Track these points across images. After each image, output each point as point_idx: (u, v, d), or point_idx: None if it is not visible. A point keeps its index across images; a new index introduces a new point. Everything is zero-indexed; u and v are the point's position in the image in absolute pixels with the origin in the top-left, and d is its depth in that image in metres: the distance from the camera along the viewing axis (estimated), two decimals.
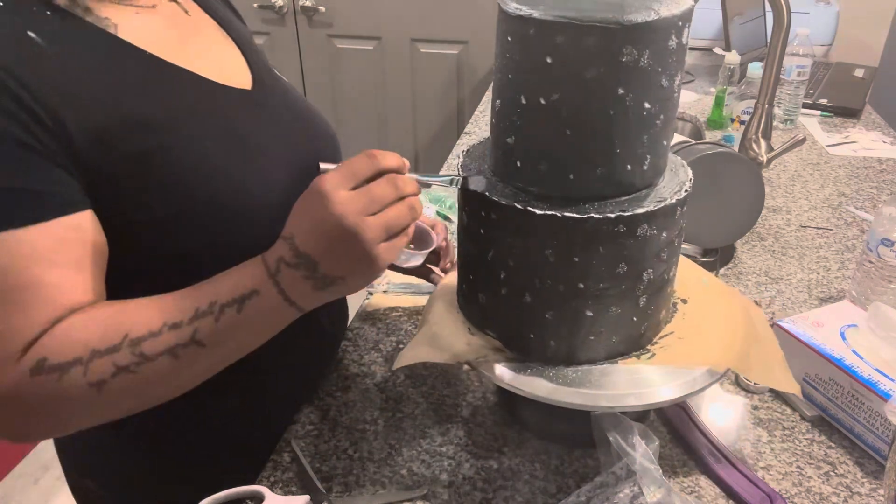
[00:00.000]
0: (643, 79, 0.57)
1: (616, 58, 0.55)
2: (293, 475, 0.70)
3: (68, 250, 0.56)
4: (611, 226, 0.59)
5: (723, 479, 0.68)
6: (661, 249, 0.63)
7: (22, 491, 1.90)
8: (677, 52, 0.58)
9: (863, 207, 1.27)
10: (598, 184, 0.61)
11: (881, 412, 0.70)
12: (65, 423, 0.60)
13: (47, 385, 0.54)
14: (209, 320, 0.56)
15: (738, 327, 0.70)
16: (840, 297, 0.98)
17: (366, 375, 0.83)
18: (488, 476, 0.69)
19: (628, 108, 0.58)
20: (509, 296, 0.64)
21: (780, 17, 1.05)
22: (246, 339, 0.59)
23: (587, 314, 0.63)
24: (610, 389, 0.63)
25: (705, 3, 1.77)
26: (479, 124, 1.72)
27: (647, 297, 0.64)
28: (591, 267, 0.61)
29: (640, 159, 0.61)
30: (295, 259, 0.56)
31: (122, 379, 0.55)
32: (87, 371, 0.54)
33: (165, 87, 0.63)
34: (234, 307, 0.56)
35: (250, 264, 0.58)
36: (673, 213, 0.62)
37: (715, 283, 0.77)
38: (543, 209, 0.59)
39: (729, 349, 0.67)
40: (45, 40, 0.56)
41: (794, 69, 1.60)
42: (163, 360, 0.56)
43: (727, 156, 0.98)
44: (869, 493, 0.68)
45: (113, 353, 0.55)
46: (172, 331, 0.56)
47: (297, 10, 2.64)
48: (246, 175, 0.64)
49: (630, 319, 0.65)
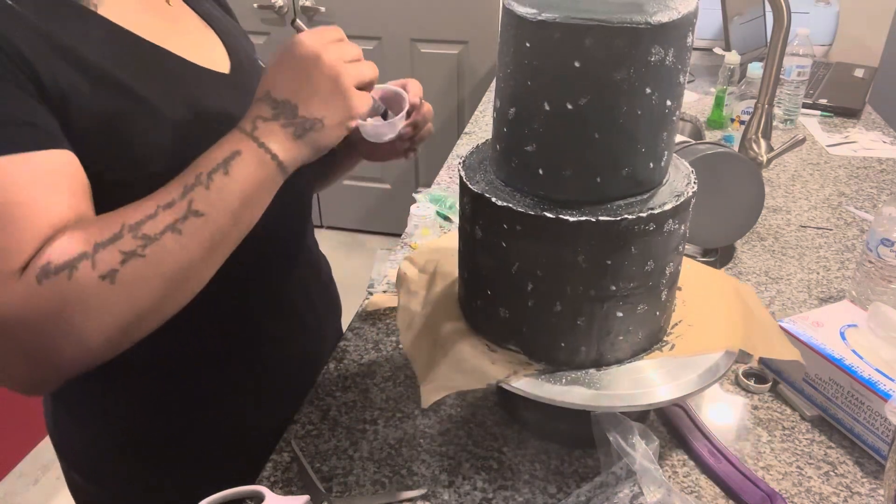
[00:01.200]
0: (667, 77, 0.57)
1: (644, 57, 0.56)
2: (293, 475, 0.70)
3: (61, 178, 0.56)
4: (642, 225, 0.59)
5: (723, 479, 0.68)
6: (679, 242, 0.64)
7: (22, 491, 1.90)
8: (690, 49, 0.59)
9: (863, 207, 1.27)
10: (623, 184, 0.61)
11: (881, 412, 0.70)
12: (83, 335, 0.54)
13: (57, 287, 0.52)
14: (200, 189, 0.56)
15: (734, 307, 0.72)
16: (840, 297, 0.98)
17: (366, 375, 0.83)
18: (488, 476, 0.69)
19: (654, 106, 0.58)
20: (538, 306, 0.63)
21: (780, 17, 1.05)
22: (240, 201, 0.58)
23: (618, 315, 0.63)
24: (610, 389, 0.63)
25: (705, 3, 1.78)
26: (479, 124, 1.72)
27: (667, 290, 0.65)
28: (622, 268, 0.61)
29: (660, 156, 0.62)
30: (273, 111, 0.59)
31: (132, 265, 0.54)
32: (94, 263, 0.53)
33: (139, 59, 0.64)
34: (220, 171, 0.57)
35: (226, 137, 0.59)
36: (689, 205, 0.63)
37: (699, 267, 0.79)
38: (576, 216, 0.58)
39: (734, 329, 0.69)
40: (22, 7, 0.57)
41: (794, 69, 1.60)
42: (167, 238, 0.55)
43: (727, 156, 0.98)
44: (869, 493, 0.68)
45: (116, 240, 0.54)
46: (168, 209, 0.56)
47: (297, 10, 2.64)
48: None
49: (654, 315, 0.65)
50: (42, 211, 0.54)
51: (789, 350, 0.70)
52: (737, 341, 0.67)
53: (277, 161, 0.59)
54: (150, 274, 0.55)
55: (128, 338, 0.57)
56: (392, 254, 1.10)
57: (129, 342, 0.57)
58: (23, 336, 0.53)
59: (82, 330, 0.54)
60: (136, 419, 0.75)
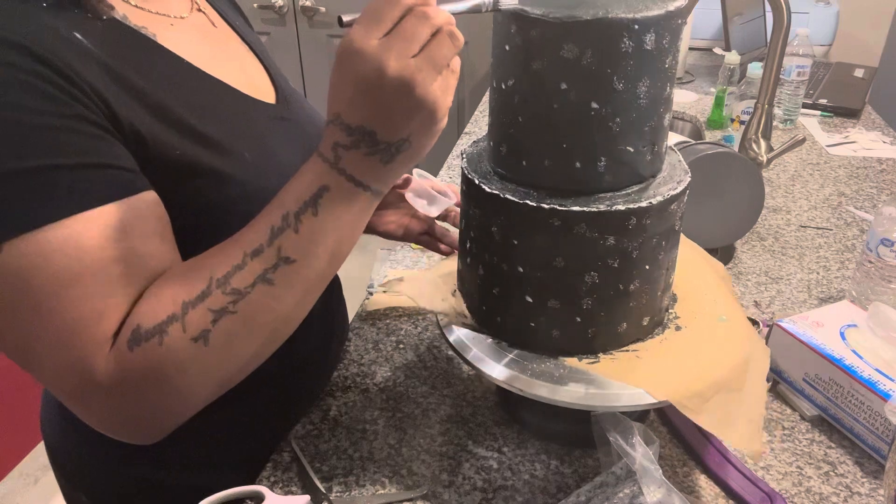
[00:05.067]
0: (644, 66, 0.58)
1: (617, 47, 0.56)
2: (293, 475, 0.70)
3: (148, 223, 0.54)
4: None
5: (723, 479, 0.68)
6: (662, 238, 0.65)
7: (22, 491, 1.90)
8: (671, 39, 0.60)
9: (863, 207, 1.27)
10: (604, 176, 0.62)
11: (881, 412, 0.70)
12: (184, 395, 0.54)
13: (149, 353, 0.51)
14: (289, 233, 0.52)
15: (716, 370, 0.64)
16: (840, 297, 0.98)
17: (366, 375, 0.83)
18: (488, 476, 0.69)
19: (627, 98, 0.59)
20: (518, 293, 0.65)
21: (780, 17, 1.05)
22: (334, 241, 0.54)
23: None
24: (610, 389, 0.63)
25: (705, 3, 1.78)
26: (479, 124, 1.72)
27: (669, 272, 0.68)
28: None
29: (642, 149, 0.63)
30: (349, 137, 0.51)
31: (224, 324, 0.52)
32: (185, 326, 0.51)
33: (204, 96, 0.62)
34: (309, 211, 0.52)
35: (309, 164, 0.53)
36: (674, 201, 0.65)
37: (733, 322, 0.70)
38: (550, 203, 0.60)
39: (684, 384, 0.62)
40: (91, 42, 0.54)
41: (794, 69, 1.60)
42: (258, 291, 0.52)
43: (727, 156, 0.98)
44: (869, 493, 0.68)
45: (204, 299, 0.51)
46: (256, 258, 0.52)
47: (297, 10, 2.64)
48: None
49: (656, 296, 0.67)
50: (135, 268, 0.52)
51: (752, 442, 0.60)
52: (671, 393, 0.61)
53: (371, 190, 0.54)
54: (243, 331, 0.53)
55: (230, 386, 0.57)
56: (392, 254, 1.10)
57: (231, 386, 0.57)
58: (122, 400, 0.53)
59: (180, 391, 0.53)
60: None
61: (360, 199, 0.54)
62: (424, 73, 0.49)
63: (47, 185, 0.50)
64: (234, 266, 0.52)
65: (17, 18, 0.51)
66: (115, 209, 0.52)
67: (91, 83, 0.52)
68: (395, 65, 0.48)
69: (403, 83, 0.48)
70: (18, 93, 0.49)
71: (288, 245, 0.52)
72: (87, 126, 0.52)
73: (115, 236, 0.52)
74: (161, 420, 0.56)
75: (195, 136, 0.59)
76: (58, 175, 0.50)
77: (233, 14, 0.79)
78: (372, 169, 0.53)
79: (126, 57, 0.57)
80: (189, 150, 0.58)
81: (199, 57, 0.64)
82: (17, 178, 0.49)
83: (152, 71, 0.59)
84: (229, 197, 0.61)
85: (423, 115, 0.50)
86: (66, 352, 0.51)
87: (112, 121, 0.53)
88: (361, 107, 0.50)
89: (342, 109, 0.51)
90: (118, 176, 0.53)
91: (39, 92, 0.50)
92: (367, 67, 0.48)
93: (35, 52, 0.50)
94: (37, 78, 0.50)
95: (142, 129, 0.55)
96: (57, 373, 0.52)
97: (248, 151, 0.63)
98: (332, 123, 0.52)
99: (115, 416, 0.54)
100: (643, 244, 0.62)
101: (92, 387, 0.52)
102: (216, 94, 0.64)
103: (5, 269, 0.49)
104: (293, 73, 2.72)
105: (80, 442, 0.76)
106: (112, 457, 0.74)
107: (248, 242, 0.53)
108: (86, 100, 0.52)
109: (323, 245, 0.53)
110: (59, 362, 0.52)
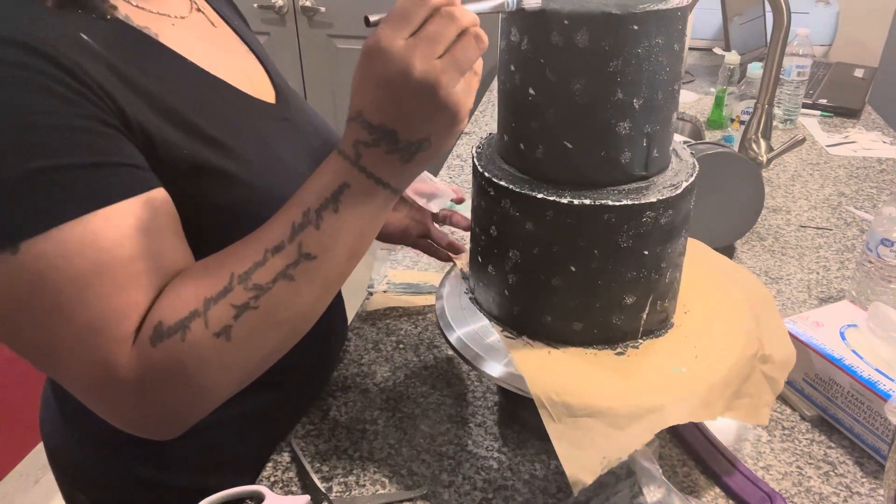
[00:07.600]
0: (647, 66, 0.59)
1: (631, 48, 0.57)
2: (293, 475, 0.70)
3: (164, 220, 0.55)
4: (687, 197, 0.63)
5: (723, 479, 0.68)
6: (667, 236, 0.65)
7: (22, 491, 1.90)
8: (675, 39, 0.60)
9: (862, 207, 1.27)
10: (608, 170, 0.62)
11: (881, 412, 0.70)
12: (206, 390, 0.54)
13: (172, 349, 0.51)
14: (310, 230, 0.53)
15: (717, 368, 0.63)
16: (840, 297, 0.98)
17: (366, 375, 0.83)
18: (488, 476, 0.69)
19: (625, 97, 0.60)
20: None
21: (780, 17, 1.05)
22: (353, 237, 0.55)
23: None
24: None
25: (705, 3, 1.77)
26: (479, 124, 1.72)
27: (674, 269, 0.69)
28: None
29: (643, 146, 0.63)
30: (371, 135, 0.51)
31: (245, 319, 0.52)
32: (207, 321, 0.51)
33: (213, 100, 0.63)
34: (330, 208, 0.53)
35: (329, 161, 0.54)
36: (682, 197, 0.65)
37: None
38: (548, 195, 0.60)
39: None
40: (98, 43, 0.55)
41: (793, 69, 1.60)
42: (280, 286, 0.53)
43: (727, 156, 0.98)
44: (869, 493, 0.68)
45: (226, 294, 0.52)
46: (277, 254, 0.52)
47: (297, 10, 2.64)
48: (284, 191, 0.62)
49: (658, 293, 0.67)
50: (153, 264, 0.53)
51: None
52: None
53: (390, 188, 0.54)
54: (265, 325, 0.54)
55: (250, 380, 0.57)
56: (392, 254, 1.10)
57: (251, 381, 0.58)
58: (145, 397, 0.53)
59: (202, 387, 0.54)
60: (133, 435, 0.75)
61: (379, 197, 0.54)
62: (449, 76, 0.49)
63: (63, 185, 0.50)
64: (256, 262, 0.53)
65: (24, 20, 0.51)
66: (131, 206, 0.52)
67: (100, 83, 0.52)
68: (421, 66, 0.48)
69: (428, 85, 0.49)
70: (32, 93, 0.49)
71: (309, 241, 0.53)
72: (99, 125, 0.52)
73: (134, 233, 0.52)
74: (183, 415, 0.56)
75: (202, 136, 0.59)
76: (73, 174, 0.50)
77: (231, 14, 0.79)
78: (391, 167, 0.53)
79: (131, 57, 0.57)
80: (196, 150, 0.59)
81: (201, 57, 0.64)
82: (32, 178, 0.49)
83: (158, 71, 0.59)
84: (234, 197, 0.61)
85: (445, 117, 0.51)
86: (88, 350, 0.51)
87: (122, 120, 0.54)
88: (384, 106, 0.50)
89: (365, 107, 0.51)
90: (133, 174, 0.53)
91: (52, 93, 0.50)
92: (392, 68, 0.49)
93: (45, 53, 0.50)
94: (49, 79, 0.50)
95: (150, 129, 0.55)
96: (79, 371, 0.52)
97: (252, 152, 0.63)
98: (353, 121, 0.52)
99: (138, 412, 0.55)
100: (654, 237, 0.63)
101: (115, 384, 0.52)
102: (220, 93, 0.64)
103: (25, 269, 0.49)
104: (293, 73, 2.72)
105: (80, 442, 0.76)
106: (111, 457, 0.74)
107: (269, 239, 0.53)
108: (96, 100, 0.52)
109: (343, 241, 0.54)
110: (82, 361, 0.52)
